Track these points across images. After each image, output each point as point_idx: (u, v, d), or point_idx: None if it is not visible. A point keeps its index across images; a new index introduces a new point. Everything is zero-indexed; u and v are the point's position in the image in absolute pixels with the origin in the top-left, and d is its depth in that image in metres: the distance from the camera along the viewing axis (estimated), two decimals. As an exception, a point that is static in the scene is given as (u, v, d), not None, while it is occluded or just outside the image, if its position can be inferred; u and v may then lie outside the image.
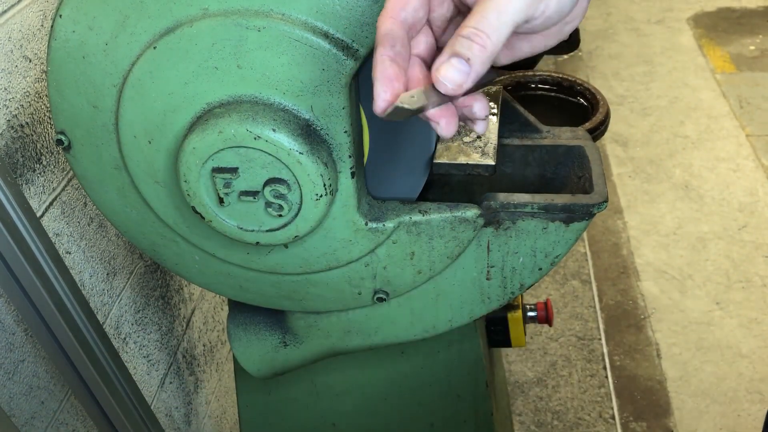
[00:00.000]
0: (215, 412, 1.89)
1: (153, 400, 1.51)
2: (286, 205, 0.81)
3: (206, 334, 1.84)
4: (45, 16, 1.13)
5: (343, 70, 0.75)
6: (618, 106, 3.86)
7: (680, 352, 2.50)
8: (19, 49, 1.07)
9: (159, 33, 0.76)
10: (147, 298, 1.49)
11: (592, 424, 2.29)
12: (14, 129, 1.06)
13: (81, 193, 1.23)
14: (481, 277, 0.94)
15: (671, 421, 2.27)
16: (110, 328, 1.34)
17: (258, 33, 0.74)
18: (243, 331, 1.10)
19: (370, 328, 1.02)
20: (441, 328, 1.01)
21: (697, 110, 3.83)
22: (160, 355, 1.55)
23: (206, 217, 0.84)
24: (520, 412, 2.34)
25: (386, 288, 0.95)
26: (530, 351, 2.56)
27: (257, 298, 1.00)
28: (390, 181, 0.89)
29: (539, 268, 0.93)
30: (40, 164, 1.12)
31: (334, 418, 1.31)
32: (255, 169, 0.79)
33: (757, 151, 3.46)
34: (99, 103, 0.82)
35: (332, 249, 0.90)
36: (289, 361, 1.11)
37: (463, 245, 0.90)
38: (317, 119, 0.79)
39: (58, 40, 0.80)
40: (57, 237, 1.17)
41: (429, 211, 0.88)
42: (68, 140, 0.87)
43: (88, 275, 1.27)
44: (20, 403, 1.09)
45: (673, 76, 4.14)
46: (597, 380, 2.43)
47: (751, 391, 2.32)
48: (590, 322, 2.65)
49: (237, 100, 0.78)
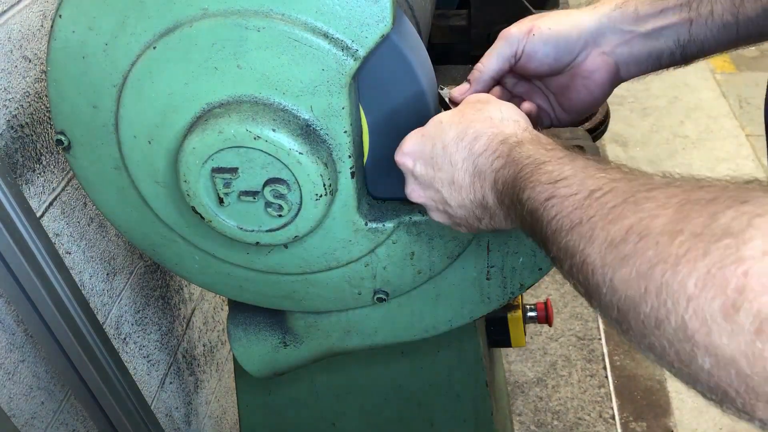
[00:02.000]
0: (215, 412, 1.89)
1: (153, 400, 1.51)
2: (286, 205, 0.81)
3: (206, 334, 1.84)
4: (45, 16, 1.13)
5: (343, 70, 0.75)
6: (618, 106, 3.86)
7: (680, 352, 2.50)
8: (18, 49, 1.07)
9: (159, 33, 0.76)
10: (147, 298, 1.49)
11: (592, 424, 2.29)
12: (14, 129, 1.06)
13: (81, 193, 1.23)
14: (481, 277, 0.94)
15: (671, 421, 2.27)
16: (110, 328, 1.34)
17: (258, 33, 0.74)
18: (243, 331, 1.10)
19: (370, 328, 1.02)
20: (441, 328, 1.01)
21: (697, 110, 3.84)
22: (160, 355, 1.55)
23: (206, 217, 0.84)
24: (520, 412, 2.34)
25: (386, 288, 0.95)
26: (530, 351, 2.56)
27: (257, 298, 1.00)
28: (390, 181, 0.89)
29: (539, 268, 0.93)
30: (40, 164, 1.12)
31: (334, 418, 1.31)
32: (255, 169, 0.79)
33: (757, 151, 3.46)
34: (99, 103, 0.82)
35: (332, 249, 0.90)
36: (289, 361, 1.11)
37: (463, 245, 0.90)
38: (317, 119, 0.79)
39: (58, 40, 0.80)
40: (57, 237, 1.17)
41: (429, 211, 0.88)
42: (68, 140, 0.87)
43: (88, 275, 1.27)
44: (20, 404, 1.09)
45: (673, 76, 4.12)
46: (597, 380, 2.43)
47: (751, 391, 2.32)
48: (590, 321, 2.65)
49: (237, 100, 0.78)
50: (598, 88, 0.88)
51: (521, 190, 0.61)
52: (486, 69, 0.87)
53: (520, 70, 0.88)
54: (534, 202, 0.59)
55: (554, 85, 0.90)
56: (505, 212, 0.68)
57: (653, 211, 0.47)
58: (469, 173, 0.71)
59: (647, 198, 0.49)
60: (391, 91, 0.82)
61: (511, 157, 0.66)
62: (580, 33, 0.85)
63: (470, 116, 0.73)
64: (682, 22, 0.82)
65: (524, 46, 0.85)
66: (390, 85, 0.82)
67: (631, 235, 0.47)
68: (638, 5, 0.84)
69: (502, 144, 0.68)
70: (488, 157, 0.69)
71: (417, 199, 0.78)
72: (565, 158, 0.61)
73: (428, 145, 0.74)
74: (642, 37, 0.84)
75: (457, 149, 0.72)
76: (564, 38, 0.85)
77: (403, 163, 0.77)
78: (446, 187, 0.73)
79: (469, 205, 0.72)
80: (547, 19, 0.85)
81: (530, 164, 0.62)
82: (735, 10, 0.80)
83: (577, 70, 0.87)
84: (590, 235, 0.51)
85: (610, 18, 0.84)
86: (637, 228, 0.47)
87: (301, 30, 0.73)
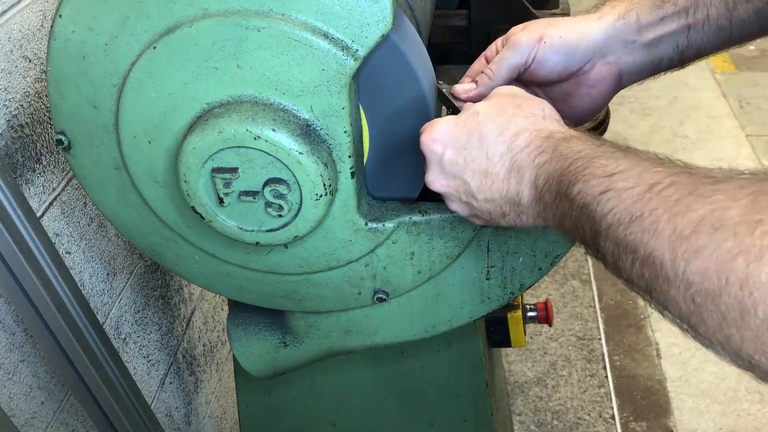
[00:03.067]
0: (215, 412, 1.89)
1: (153, 400, 1.51)
2: (286, 205, 0.81)
3: (206, 334, 1.84)
4: (45, 16, 1.13)
5: (343, 70, 0.75)
6: (618, 106, 3.86)
7: (680, 352, 2.50)
8: (19, 49, 1.07)
9: (159, 33, 0.76)
10: (147, 298, 1.49)
11: (592, 424, 2.29)
12: (14, 129, 1.06)
13: (81, 193, 1.23)
14: (481, 277, 0.94)
15: (671, 421, 2.27)
16: (110, 328, 1.34)
17: (258, 33, 0.74)
18: (243, 331, 1.09)
19: (370, 328, 1.02)
20: (441, 328, 1.01)
21: (697, 110, 3.84)
22: (160, 355, 1.55)
23: (206, 217, 0.84)
24: (520, 412, 2.35)
25: (386, 288, 0.95)
26: (530, 351, 2.56)
27: (257, 298, 1.00)
28: (390, 181, 0.89)
29: (539, 268, 0.93)
30: (40, 164, 1.12)
31: (334, 418, 1.31)
32: (255, 169, 0.79)
33: (757, 151, 3.46)
34: (99, 103, 0.82)
35: (332, 249, 0.90)
36: (289, 361, 1.11)
37: (463, 245, 0.90)
38: (317, 119, 0.79)
39: (58, 40, 0.80)
40: (57, 237, 1.17)
41: (429, 211, 0.88)
42: (68, 140, 0.87)
43: (88, 275, 1.27)
44: (20, 403, 1.09)
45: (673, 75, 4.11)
46: (597, 380, 2.43)
47: (751, 391, 2.32)
48: (590, 321, 2.65)
49: (237, 100, 0.78)
50: (601, 96, 0.88)
51: (571, 185, 0.60)
52: (497, 77, 0.86)
53: (527, 76, 0.88)
54: (586, 196, 0.58)
55: (556, 92, 0.90)
56: (540, 210, 0.67)
57: (724, 203, 0.46)
58: (506, 168, 0.70)
59: (714, 191, 0.48)
60: (391, 91, 0.82)
61: (557, 153, 0.65)
62: (588, 43, 0.85)
63: (510, 111, 0.73)
64: (680, 29, 0.84)
65: (535, 54, 0.85)
66: (390, 85, 0.82)
67: (704, 227, 0.46)
68: (639, 15, 0.85)
69: (546, 140, 0.68)
70: (530, 153, 0.68)
71: (438, 187, 0.78)
72: (619, 152, 0.60)
73: (463, 134, 0.74)
74: (644, 46, 0.85)
75: (496, 143, 0.71)
76: (574, 47, 0.85)
77: (433, 149, 0.76)
78: (476, 179, 0.73)
79: (499, 199, 0.72)
80: (556, 27, 0.86)
81: (581, 158, 0.61)
82: (729, 14, 0.82)
83: (582, 78, 0.87)
84: (655, 228, 0.50)
85: (615, 29, 0.85)
86: (709, 220, 0.46)
87: (301, 30, 0.73)
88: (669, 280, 0.48)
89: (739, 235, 0.44)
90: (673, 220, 0.49)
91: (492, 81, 0.86)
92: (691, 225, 0.47)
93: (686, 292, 0.47)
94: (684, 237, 0.47)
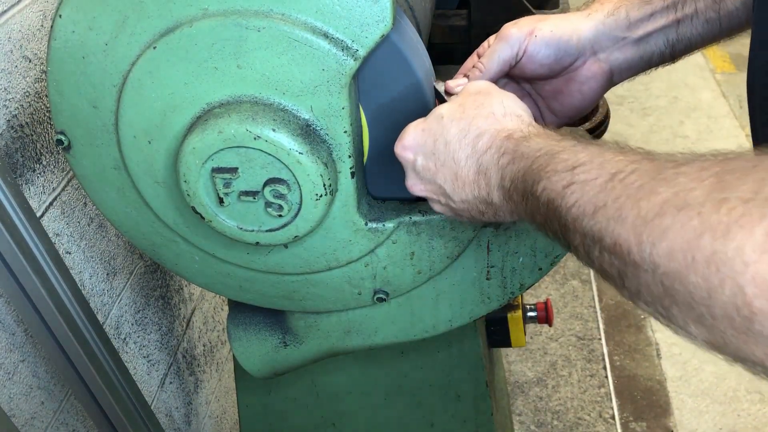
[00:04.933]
0: (215, 412, 1.89)
1: (153, 400, 1.51)
2: (286, 205, 0.81)
3: (206, 334, 1.84)
4: (45, 16, 1.13)
5: (343, 70, 0.75)
6: (618, 106, 3.86)
7: (680, 352, 2.50)
8: (19, 49, 1.07)
9: (159, 33, 0.76)
10: (147, 298, 1.50)
11: (592, 424, 2.29)
12: (14, 129, 1.06)
13: (81, 193, 1.23)
14: (481, 277, 0.94)
15: (671, 421, 2.27)
16: (110, 328, 1.34)
17: (258, 33, 0.74)
18: (243, 331, 1.09)
19: (370, 328, 1.02)
20: (441, 328, 1.01)
21: (697, 110, 3.84)
22: (160, 355, 1.55)
23: (206, 217, 0.84)
24: (520, 412, 2.35)
25: (386, 288, 0.95)
26: (530, 351, 2.56)
27: (257, 298, 1.00)
28: (390, 181, 0.89)
29: (539, 268, 0.93)
30: (40, 164, 1.12)
31: (334, 418, 1.31)
32: (255, 169, 0.79)
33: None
34: (99, 103, 0.82)
35: (332, 249, 0.90)
36: (289, 361, 1.11)
37: (463, 245, 0.90)
38: (317, 119, 0.79)
39: (58, 40, 0.80)
40: (57, 237, 1.17)
41: (429, 211, 0.88)
42: (68, 140, 0.87)
43: (88, 275, 1.27)
44: (20, 403, 1.09)
45: (673, 76, 4.14)
46: (597, 380, 2.43)
47: (751, 391, 2.32)
48: (590, 322, 2.65)
49: (237, 100, 0.78)
50: (591, 93, 0.89)
51: (535, 183, 0.61)
52: (487, 70, 0.87)
53: (517, 71, 0.88)
54: (551, 192, 0.58)
55: (546, 89, 0.90)
56: (512, 208, 0.68)
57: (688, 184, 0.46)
58: (473, 170, 0.71)
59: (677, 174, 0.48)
60: (391, 92, 0.82)
61: (518, 153, 0.65)
62: (579, 39, 0.86)
63: (472, 112, 0.73)
64: (670, 23, 0.84)
65: (526, 47, 0.85)
66: (390, 86, 0.82)
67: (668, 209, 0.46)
68: (629, 11, 0.85)
69: (506, 140, 0.68)
70: (493, 154, 0.69)
71: (418, 192, 0.78)
72: (579, 145, 0.60)
73: (429, 140, 0.74)
74: (634, 42, 0.86)
75: (460, 146, 0.71)
76: (565, 42, 0.85)
77: (404, 157, 0.77)
78: (449, 182, 0.73)
79: (473, 200, 0.72)
80: (547, 22, 0.86)
81: (542, 156, 0.61)
82: (717, 6, 0.82)
83: (572, 75, 0.88)
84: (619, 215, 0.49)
85: (605, 25, 0.86)
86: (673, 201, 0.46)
87: (301, 30, 0.73)
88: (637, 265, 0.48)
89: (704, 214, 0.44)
90: (636, 205, 0.48)
91: (483, 75, 0.87)
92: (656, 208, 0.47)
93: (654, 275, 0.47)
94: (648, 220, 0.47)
